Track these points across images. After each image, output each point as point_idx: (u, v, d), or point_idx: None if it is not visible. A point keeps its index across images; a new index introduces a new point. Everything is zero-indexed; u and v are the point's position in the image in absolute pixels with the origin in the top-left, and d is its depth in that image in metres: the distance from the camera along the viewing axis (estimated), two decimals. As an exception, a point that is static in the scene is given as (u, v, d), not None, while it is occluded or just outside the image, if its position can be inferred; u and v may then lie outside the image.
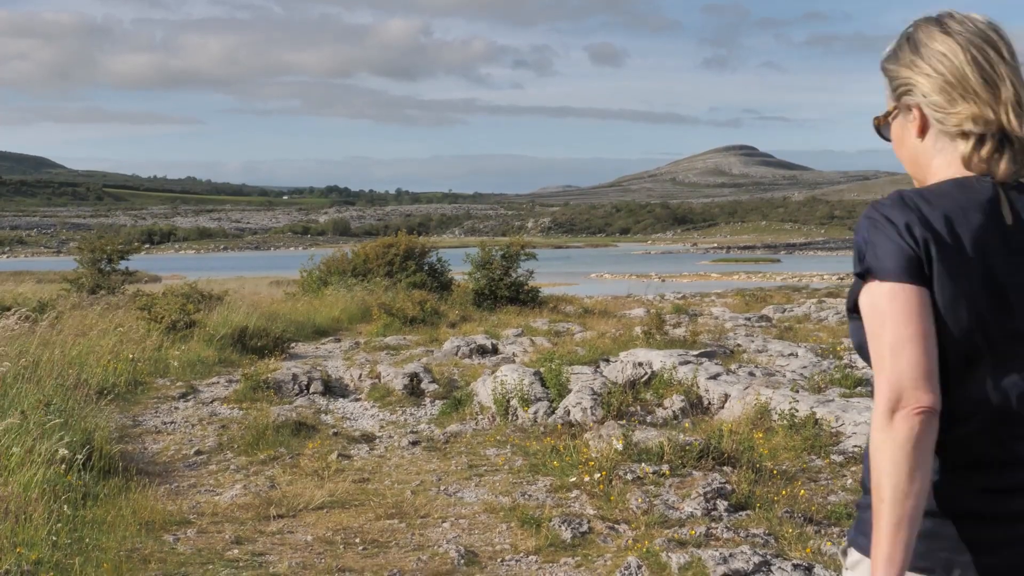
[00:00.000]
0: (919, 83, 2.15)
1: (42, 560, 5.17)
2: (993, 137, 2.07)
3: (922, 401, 1.94)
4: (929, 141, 2.18)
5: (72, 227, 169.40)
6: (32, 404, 7.84)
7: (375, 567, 5.62)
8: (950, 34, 2.13)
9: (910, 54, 2.18)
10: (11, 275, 51.33)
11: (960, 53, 2.10)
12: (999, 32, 2.14)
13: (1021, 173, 2.11)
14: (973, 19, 2.15)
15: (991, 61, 2.09)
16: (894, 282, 2.01)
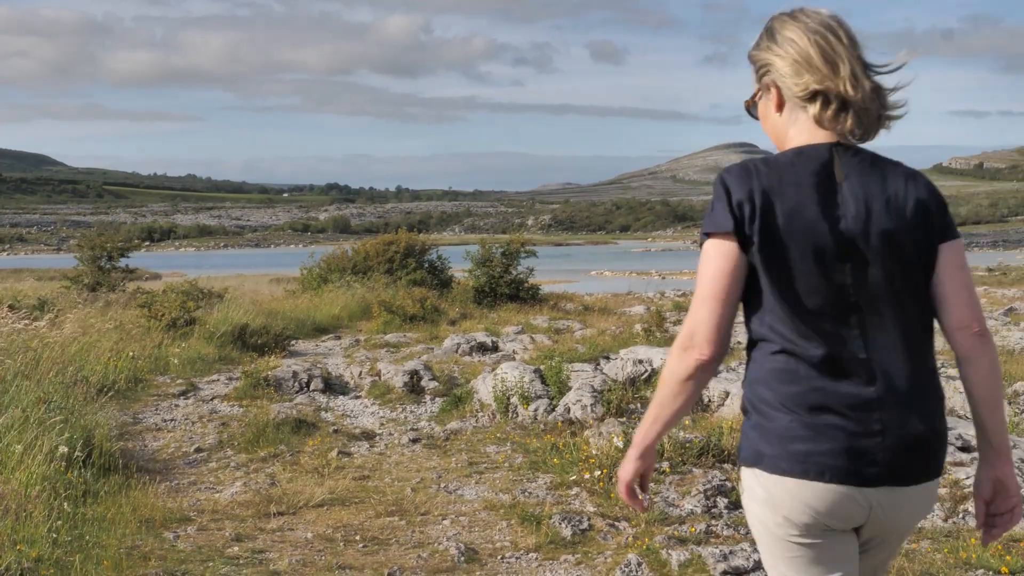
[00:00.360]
0: (774, 63, 2.64)
1: (42, 557, 5.17)
2: (836, 99, 2.56)
3: (704, 352, 2.53)
4: (785, 115, 2.67)
5: (72, 224, 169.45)
6: (32, 401, 7.84)
7: (375, 564, 5.62)
8: (799, 24, 2.63)
9: (767, 41, 2.68)
10: (11, 272, 51.38)
11: (805, 38, 2.59)
12: (840, 22, 2.64)
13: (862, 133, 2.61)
14: (819, 12, 2.66)
15: (831, 44, 2.58)
16: (718, 241, 2.55)
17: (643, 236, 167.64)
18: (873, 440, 2.50)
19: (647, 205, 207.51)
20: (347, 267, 28.34)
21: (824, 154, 2.58)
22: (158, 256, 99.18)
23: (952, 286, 2.62)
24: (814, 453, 2.50)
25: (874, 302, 2.56)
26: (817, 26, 2.62)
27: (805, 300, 2.52)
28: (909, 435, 2.53)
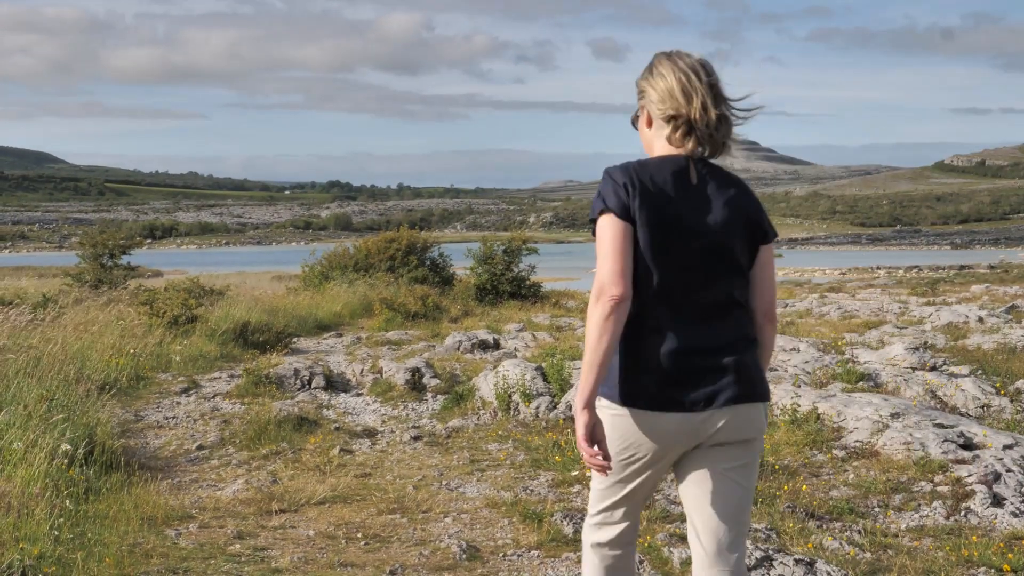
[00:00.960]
0: (648, 91, 3.46)
1: (44, 555, 5.17)
2: (685, 124, 3.36)
3: (614, 293, 3.21)
4: (653, 130, 3.49)
5: (74, 222, 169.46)
6: (34, 399, 7.85)
7: (377, 562, 5.62)
8: (671, 63, 3.42)
9: (647, 74, 3.49)
10: (13, 270, 51.41)
11: (672, 75, 3.38)
12: (703, 65, 3.41)
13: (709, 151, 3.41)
14: (691, 56, 3.45)
15: (691, 82, 3.36)
16: (610, 216, 3.29)
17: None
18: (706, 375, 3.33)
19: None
20: (349, 265, 28.34)
21: (682, 162, 3.40)
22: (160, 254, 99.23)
23: (763, 276, 3.50)
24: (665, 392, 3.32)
25: (711, 274, 3.38)
26: (684, 67, 3.40)
27: (661, 275, 3.32)
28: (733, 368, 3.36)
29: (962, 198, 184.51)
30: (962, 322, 18.11)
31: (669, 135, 3.42)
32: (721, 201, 3.40)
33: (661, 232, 3.30)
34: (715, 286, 3.38)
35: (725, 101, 3.41)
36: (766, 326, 3.51)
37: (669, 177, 3.37)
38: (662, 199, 3.32)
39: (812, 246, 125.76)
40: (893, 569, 5.20)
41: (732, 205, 3.40)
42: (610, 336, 3.22)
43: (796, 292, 33.84)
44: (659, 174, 3.36)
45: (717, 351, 3.35)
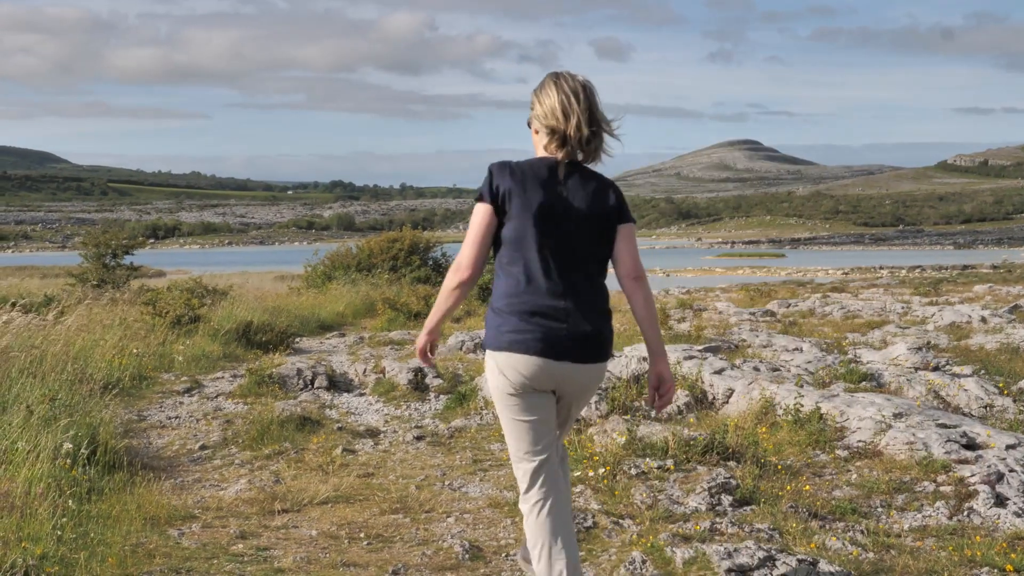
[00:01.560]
0: (536, 107, 4.29)
1: (47, 555, 5.17)
2: (559, 137, 4.22)
3: (465, 273, 4.23)
4: (538, 136, 4.33)
5: (77, 222, 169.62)
6: (37, 399, 7.85)
7: (379, 562, 5.62)
8: (558, 84, 4.23)
9: (538, 90, 4.30)
10: (16, 270, 51.46)
11: (556, 95, 4.21)
12: (584, 86, 4.24)
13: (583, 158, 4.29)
14: (576, 78, 4.25)
15: (571, 102, 4.19)
16: (483, 205, 4.21)
17: (647, 233, 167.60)
18: (561, 333, 4.17)
19: (651, 202, 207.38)
20: (351, 264, 28.35)
21: (554, 163, 4.28)
22: (162, 253, 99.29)
23: (624, 248, 4.33)
24: (528, 339, 4.16)
25: (574, 252, 4.24)
26: (567, 89, 4.22)
27: (537, 249, 4.19)
28: (583, 332, 4.20)
29: (965, 198, 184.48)
30: (965, 322, 18.08)
31: (547, 144, 4.30)
32: (584, 193, 4.28)
33: (533, 217, 4.20)
34: (577, 261, 4.27)
35: (600, 120, 4.26)
36: (634, 284, 4.35)
37: (542, 174, 4.27)
38: (535, 191, 4.22)
39: (815, 246, 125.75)
40: (896, 569, 5.20)
41: (593, 196, 4.30)
42: (455, 300, 4.37)
43: (799, 292, 33.80)
44: (534, 171, 4.27)
45: (575, 316, 4.22)
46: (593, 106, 4.24)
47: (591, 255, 4.28)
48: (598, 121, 4.24)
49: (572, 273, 4.22)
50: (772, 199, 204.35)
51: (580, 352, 4.19)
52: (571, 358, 4.19)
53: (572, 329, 4.17)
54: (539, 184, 4.22)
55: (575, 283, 4.22)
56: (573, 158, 4.29)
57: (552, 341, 4.16)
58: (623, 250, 4.33)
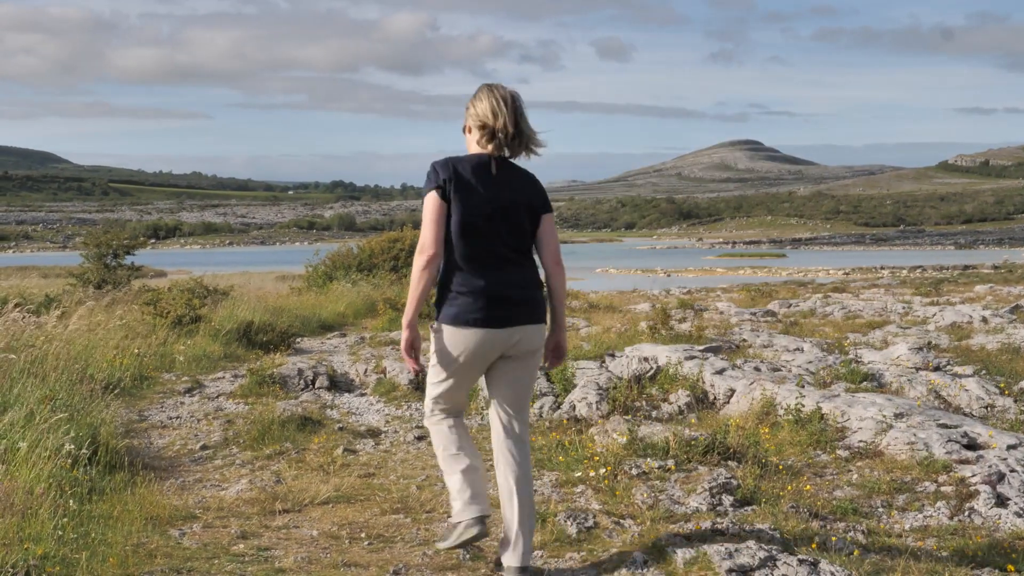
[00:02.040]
0: (470, 110, 5.05)
1: (48, 555, 5.17)
2: (489, 132, 4.95)
3: (430, 252, 4.84)
4: (472, 136, 5.08)
5: (78, 222, 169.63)
6: (38, 399, 7.85)
7: (380, 562, 5.62)
8: (491, 92, 4.99)
9: (473, 98, 5.05)
10: (17, 270, 51.43)
11: (488, 101, 4.97)
12: (512, 95, 5.00)
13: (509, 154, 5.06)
14: (504, 88, 5.03)
15: (500, 106, 4.94)
16: (433, 195, 4.88)
17: (649, 233, 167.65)
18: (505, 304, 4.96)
19: (652, 202, 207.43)
20: (352, 265, 28.35)
21: (486, 159, 5.03)
22: (163, 254, 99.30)
23: (546, 235, 5.16)
24: (477, 315, 4.93)
25: (508, 238, 5.00)
26: (498, 95, 5.00)
27: (476, 234, 4.93)
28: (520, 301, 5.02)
29: (966, 198, 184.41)
30: (966, 322, 18.08)
31: (479, 140, 5.05)
32: (512, 186, 5.04)
33: (470, 207, 4.91)
34: (510, 244, 5.02)
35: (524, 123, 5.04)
36: (556, 267, 5.19)
37: (476, 168, 5.00)
38: (471, 184, 4.94)
39: (816, 246, 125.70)
40: (897, 570, 5.20)
41: (520, 189, 5.07)
42: (426, 280, 4.92)
43: (800, 292, 33.80)
44: (469, 166, 4.99)
45: (512, 288, 5.02)
46: (519, 111, 5.04)
47: (521, 239, 5.08)
48: (522, 123, 5.03)
49: (508, 254, 5.02)
50: (773, 199, 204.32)
51: (519, 318, 5.03)
52: (512, 323, 5.01)
53: (511, 301, 5.00)
54: (476, 177, 4.97)
55: (511, 262, 5.04)
56: (501, 153, 5.07)
57: (496, 313, 4.96)
58: (546, 237, 5.16)
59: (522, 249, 5.08)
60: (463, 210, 4.90)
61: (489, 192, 4.96)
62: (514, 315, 5.00)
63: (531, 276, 5.12)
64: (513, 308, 5.00)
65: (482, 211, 4.92)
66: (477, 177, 4.96)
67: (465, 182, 4.92)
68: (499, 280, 4.96)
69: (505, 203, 4.98)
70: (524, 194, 5.06)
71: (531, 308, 5.07)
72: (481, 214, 4.92)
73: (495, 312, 4.94)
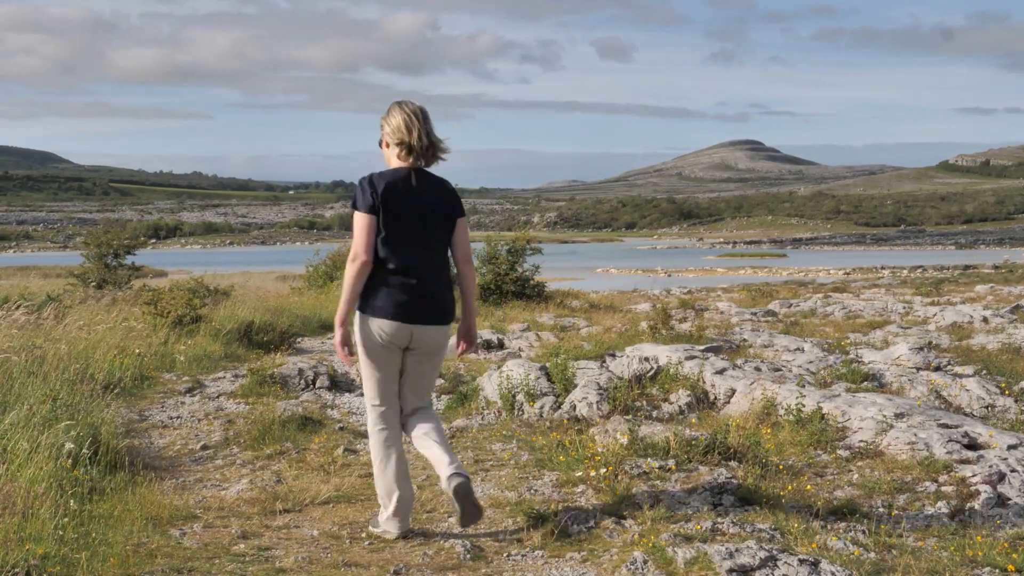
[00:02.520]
0: (385, 127, 5.71)
1: (48, 555, 5.17)
2: (406, 146, 5.62)
3: (363, 258, 5.52)
4: (390, 151, 5.74)
5: (78, 222, 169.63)
6: (39, 399, 7.85)
7: (381, 562, 5.62)
8: (401, 109, 5.65)
9: (386, 114, 5.72)
10: (17, 270, 51.47)
11: (399, 116, 5.62)
12: (421, 110, 5.66)
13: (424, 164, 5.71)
14: (413, 104, 5.67)
15: (411, 120, 5.60)
16: (362, 212, 5.54)
17: (649, 233, 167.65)
18: (416, 304, 5.67)
19: (653, 202, 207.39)
20: (353, 264, 28.29)
21: (407, 172, 5.71)
22: (164, 253, 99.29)
23: (460, 237, 5.88)
24: (391, 308, 5.65)
25: (427, 243, 5.72)
26: (409, 111, 5.69)
27: (398, 241, 5.63)
28: (434, 301, 5.74)
29: (966, 198, 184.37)
30: (966, 322, 18.09)
31: (398, 154, 5.74)
32: (430, 195, 5.75)
33: (395, 216, 5.62)
34: (429, 248, 5.75)
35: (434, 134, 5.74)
36: (467, 265, 5.92)
37: (399, 182, 5.68)
38: (395, 195, 5.63)
39: (816, 246, 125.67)
40: (897, 569, 5.20)
41: (437, 197, 5.79)
42: (359, 283, 5.62)
43: (800, 292, 33.80)
44: (392, 181, 5.67)
45: (425, 290, 5.71)
46: (428, 123, 5.73)
47: (440, 241, 5.81)
48: (432, 134, 5.73)
49: (427, 255, 5.76)
50: (774, 199, 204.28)
51: (431, 316, 5.75)
52: (421, 321, 5.72)
53: (426, 299, 5.72)
54: (399, 190, 5.65)
55: (429, 264, 5.75)
56: (418, 165, 5.74)
57: (411, 308, 5.68)
58: (460, 239, 5.90)
59: (439, 253, 5.83)
60: (389, 220, 5.61)
61: (411, 202, 5.67)
62: (424, 314, 5.72)
63: (444, 280, 5.87)
64: (424, 308, 5.72)
65: (405, 221, 5.65)
66: (400, 190, 5.65)
67: (390, 196, 5.61)
68: (416, 282, 5.68)
69: (425, 211, 5.71)
70: (442, 201, 5.80)
71: (440, 310, 5.79)
72: (404, 223, 5.65)
73: (408, 309, 5.68)
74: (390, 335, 5.70)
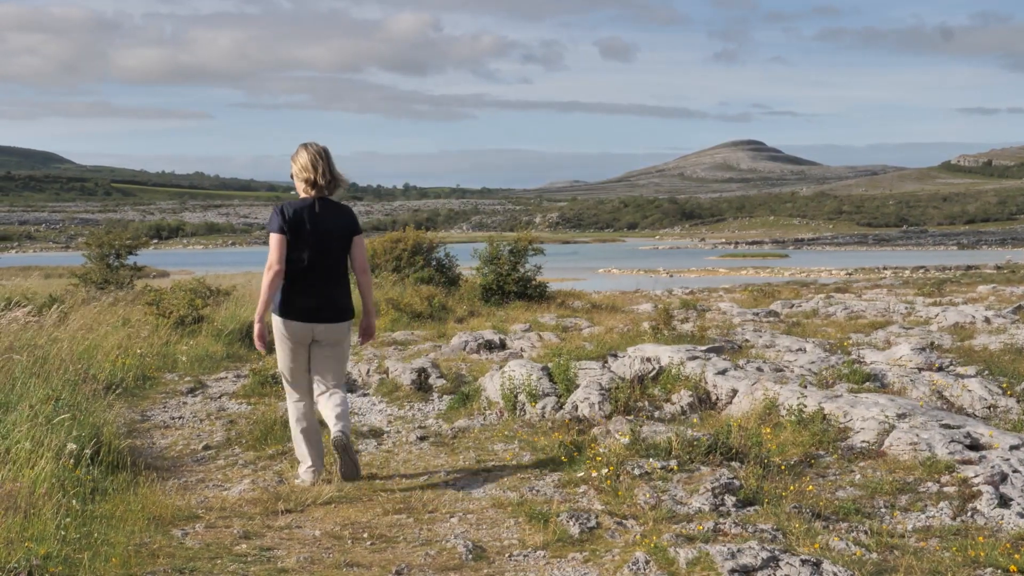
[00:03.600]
0: (293, 165, 7.10)
1: (51, 555, 5.18)
2: (311, 183, 7.01)
3: (275, 269, 6.85)
4: (298, 184, 7.10)
5: (80, 222, 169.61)
6: (40, 399, 7.86)
7: (383, 562, 5.63)
8: (307, 149, 7.04)
9: (294, 155, 7.10)
10: (19, 270, 51.44)
11: (306, 156, 7.02)
12: (325, 150, 7.07)
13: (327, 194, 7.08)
14: (317, 145, 7.08)
15: (315, 160, 6.99)
16: (275, 233, 6.90)
17: (651, 234, 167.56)
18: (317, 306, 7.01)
19: (655, 203, 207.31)
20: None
21: (312, 201, 6.95)
22: (166, 254, 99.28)
23: (357, 252, 7.14)
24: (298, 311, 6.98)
25: (327, 257, 6.96)
26: (313, 152, 6.97)
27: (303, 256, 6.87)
28: (333, 303, 7.07)
29: (969, 198, 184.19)
30: (968, 322, 18.08)
31: (304, 188, 7.05)
32: (331, 219, 7.05)
33: (302, 237, 6.92)
34: (330, 262, 7.05)
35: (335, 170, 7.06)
36: (362, 275, 7.25)
37: (306, 210, 6.97)
38: (302, 221, 6.93)
39: (818, 246, 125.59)
40: (899, 570, 5.20)
41: (338, 220, 7.09)
42: (272, 288, 6.93)
43: (802, 292, 33.78)
44: (299, 208, 6.97)
45: (329, 294, 7.07)
46: (330, 161, 7.05)
47: (340, 257, 7.12)
48: (334, 170, 7.05)
49: (328, 270, 7.06)
50: (775, 199, 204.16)
51: (330, 316, 7.11)
52: (324, 320, 7.09)
53: (326, 303, 7.08)
54: (305, 216, 6.95)
55: (329, 274, 7.07)
56: (322, 195, 7.03)
57: (314, 310, 7.05)
58: (356, 253, 7.20)
59: (339, 266, 7.13)
60: (297, 240, 6.90)
61: (315, 226, 6.96)
62: (324, 315, 7.08)
63: (342, 287, 7.16)
64: (324, 310, 7.07)
65: (310, 240, 6.94)
66: (306, 216, 6.94)
67: (299, 220, 6.92)
68: (318, 289, 7.03)
69: (325, 232, 6.99)
70: (341, 223, 7.09)
71: (337, 311, 7.14)
72: (310, 242, 6.93)
73: (311, 311, 7.04)
74: (298, 332, 7.06)
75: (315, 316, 7.01)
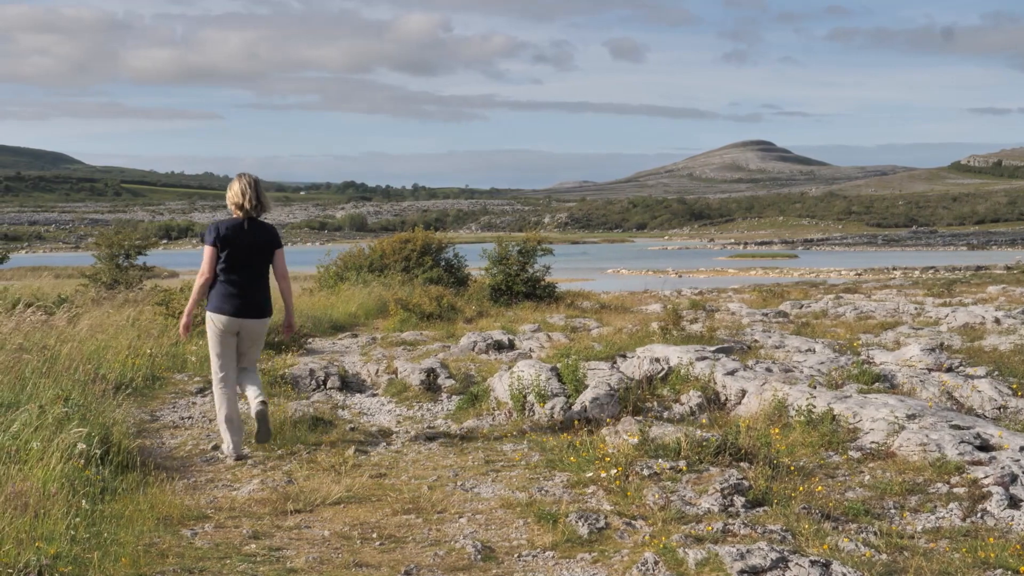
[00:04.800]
0: (228, 192, 8.47)
1: (60, 554, 5.19)
2: (239, 207, 8.33)
3: (206, 276, 8.28)
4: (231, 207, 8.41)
5: (90, 222, 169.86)
6: (50, 399, 7.88)
7: (392, 562, 5.63)
8: (240, 179, 8.40)
9: (230, 183, 8.50)
10: (30, 270, 51.60)
11: (238, 186, 8.37)
12: (256, 180, 8.46)
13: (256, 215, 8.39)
14: (250, 175, 8.47)
15: (245, 188, 8.33)
16: (208, 245, 8.28)
17: (660, 234, 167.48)
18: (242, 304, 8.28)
19: (664, 203, 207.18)
20: (364, 265, 28.35)
21: (241, 221, 8.30)
22: (175, 254, 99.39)
23: (278, 261, 8.49)
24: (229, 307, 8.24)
25: (251, 266, 8.32)
26: (245, 182, 8.35)
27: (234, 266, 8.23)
28: (255, 303, 8.37)
29: (978, 199, 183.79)
30: (978, 323, 18.04)
31: (234, 210, 8.29)
32: (256, 235, 8.30)
33: (232, 249, 8.18)
34: (254, 270, 8.32)
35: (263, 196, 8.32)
36: (282, 281, 8.50)
37: (235, 227, 8.23)
38: (231, 237, 8.18)
39: (827, 247, 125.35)
40: (909, 571, 5.19)
41: (262, 236, 8.35)
42: (202, 291, 8.25)
43: (811, 293, 33.72)
44: (231, 225, 8.22)
45: (253, 295, 8.31)
46: (258, 189, 8.33)
47: (262, 266, 8.39)
48: (261, 197, 8.31)
49: (252, 276, 8.32)
50: (785, 200, 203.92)
51: (252, 312, 8.32)
52: (247, 316, 8.29)
53: (250, 302, 8.29)
54: (235, 232, 8.21)
55: (253, 280, 8.33)
56: (249, 216, 8.28)
57: (240, 307, 8.25)
58: (277, 263, 8.46)
59: (262, 273, 8.40)
60: (226, 252, 8.18)
61: (242, 241, 8.22)
62: (247, 311, 8.29)
63: (263, 289, 8.42)
64: (247, 307, 8.28)
65: (238, 253, 8.21)
66: (235, 232, 8.21)
67: (229, 236, 8.19)
68: (243, 291, 8.26)
69: (251, 247, 8.26)
70: (264, 239, 8.36)
71: (258, 309, 8.37)
72: (237, 255, 8.20)
73: (236, 308, 8.24)
74: (225, 325, 8.25)
75: (241, 312, 8.25)
